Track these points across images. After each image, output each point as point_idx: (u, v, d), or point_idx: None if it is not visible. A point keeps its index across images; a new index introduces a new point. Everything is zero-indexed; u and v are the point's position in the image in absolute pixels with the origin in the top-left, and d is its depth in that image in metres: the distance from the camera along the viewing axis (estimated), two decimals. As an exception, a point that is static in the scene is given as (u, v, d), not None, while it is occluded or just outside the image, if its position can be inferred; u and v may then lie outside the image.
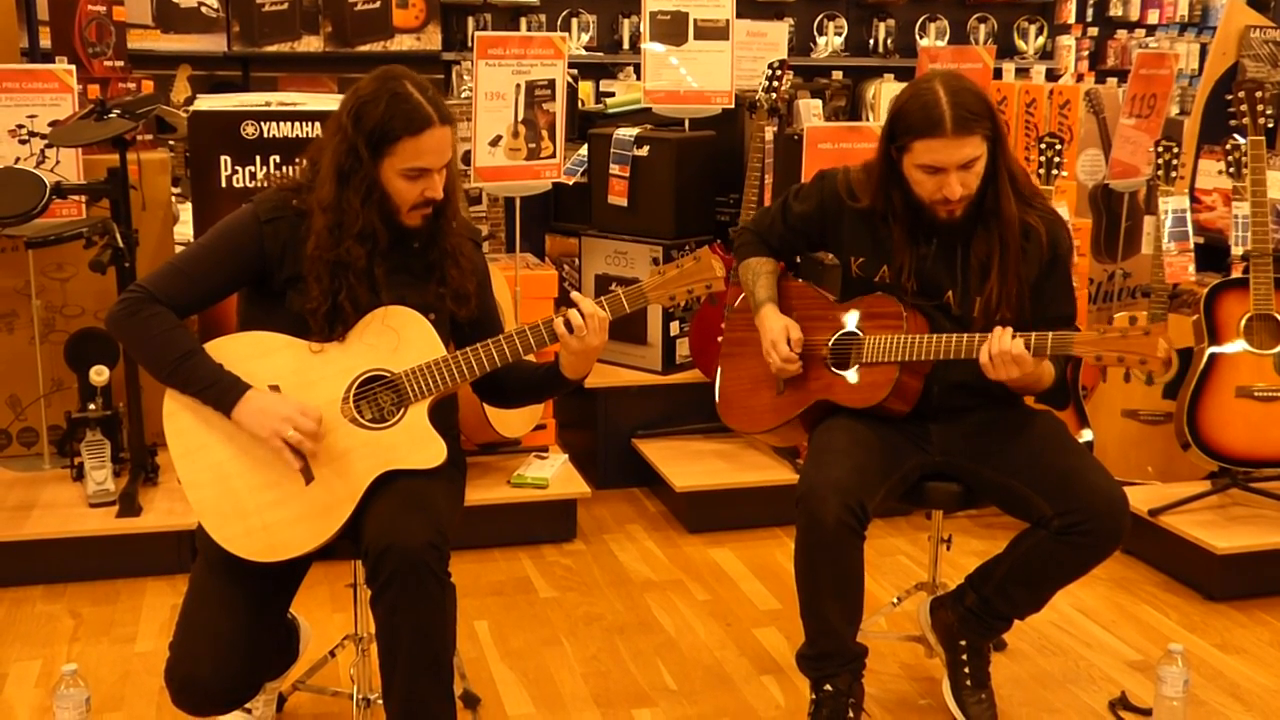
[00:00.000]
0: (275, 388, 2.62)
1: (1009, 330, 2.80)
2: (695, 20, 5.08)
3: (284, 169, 4.20)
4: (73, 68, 4.36)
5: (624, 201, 4.95)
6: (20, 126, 4.21)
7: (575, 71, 6.17)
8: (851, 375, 3.05)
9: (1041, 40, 8.65)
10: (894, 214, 2.99)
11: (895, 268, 3.01)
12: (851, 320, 3.09)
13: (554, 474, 4.39)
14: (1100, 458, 4.26)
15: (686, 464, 4.61)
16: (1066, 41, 8.81)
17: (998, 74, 5.72)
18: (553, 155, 4.53)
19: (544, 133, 4.48)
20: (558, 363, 2.78)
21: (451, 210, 2.77)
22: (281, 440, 2.57)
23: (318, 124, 4.20)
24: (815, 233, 3.19)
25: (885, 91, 7.10)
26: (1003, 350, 2.78)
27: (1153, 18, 9.16)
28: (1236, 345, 4.07)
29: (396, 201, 2.66)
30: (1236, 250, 4.25)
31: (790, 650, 3.20)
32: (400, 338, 2.67)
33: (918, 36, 8.43)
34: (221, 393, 2.60)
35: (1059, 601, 3.58)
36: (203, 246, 2.74)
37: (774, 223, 3.25)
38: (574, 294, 2.74)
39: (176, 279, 2.67)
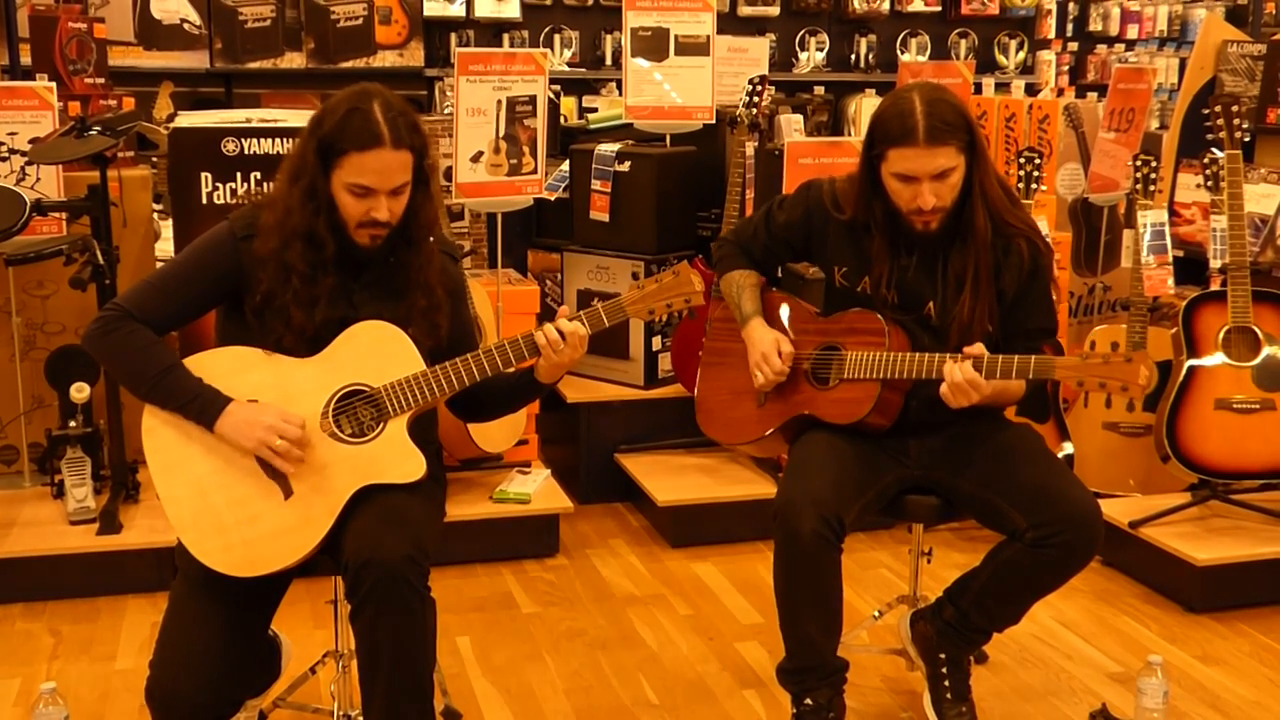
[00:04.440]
0: (254, 403, 2.62)
1: (959, 360, 2.82)
2: (676, 36, 5.10)
3: (264, 186, 4.20)
4: (53, 85, 4.36)
5: (605, 217, 4.96)
6: (0, 144, 4.21)
7: (558, 87, 6.19)
8: (833, 390, 3.06)
9: (1022, 55, 8.69)
10: (875, 224, 3.00)
11: (875, 277, 3.03)
12: (833, 334, 3.10)
13: (536, 489, 4.39)
14: (1081, 470, 4.32)
15: (669, 478, 4.61)
16: (1047, 56, 8.84)
17: (978, 89, 5.75)
18: (534, 171, 4.54)
19: (525, 148, 4.49)
20: (532, 370, 2.79)
21: (423, 233, 2.75)
22: (270, 451, 2.57)
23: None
24: (799, 242, 3.19)
25: (866, 106, 7.14)
26: (955, 383, 2.81)
27: (1132, 33, 9.21)
28: (1215, 358, 4.09)
29: (343, 215, 2.65)
30: (1215, 263, 4.28)
31: (772, 664, 3.20)
32: (379, 352, 2.67)
33: (899, 52, 8.46)
34: (203, 407, 2.60)
35: (1039, 613, 3.60)
36: (179, 264, 2.75)
37: (756, 232, 3.26)
38: (560, 310, 2.74)
39: (153, 296, 2.67)
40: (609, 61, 7.90)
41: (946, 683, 3.13)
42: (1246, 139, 4.23)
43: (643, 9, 5.05)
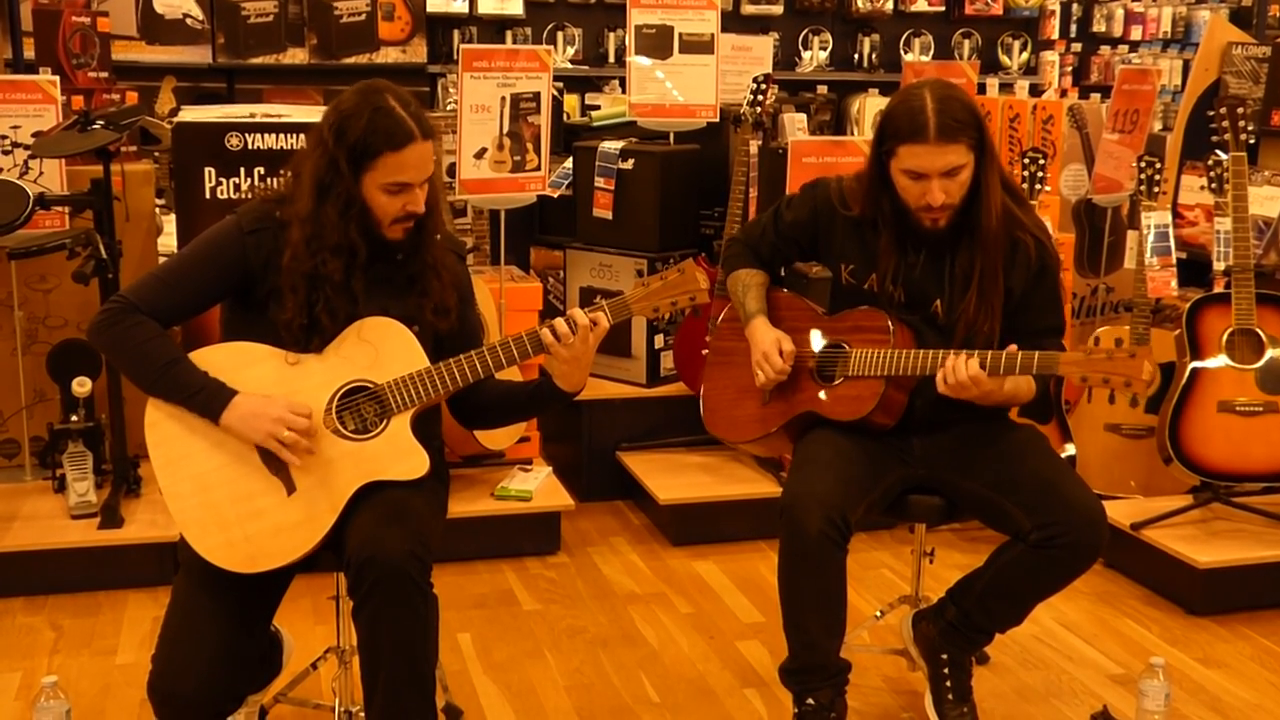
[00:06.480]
0: (260, 395, 2.62)
1: (963, 355, 2.82)
2: (680, 34, 5.09)
3: (268, 180, 4.19)
4: (56, 79, 4.36)
5: (609, 214, 4.95)
6: (4, 137, 4.20)
7: (561, 84, 6.18)
8: (837, 388, 3.05)
9: (1025, 56, 8.69)
10: (884, 221, 3.00)
11: (882, 274, 3.02)
12: (838, 333, 3.09)
13: (538, 486, 4.39)
14: (1083, 472, 4.30)
15: (670, 477, 4.61)
16: (1050, 57, 8.83)
17: (982, 89, 5.74)
18: (538, 168, 4.53)
19: (529, 145, 4.49)
20: (548, 375, 2.78)
21: (434, 223, 2.76)
22: (277, 443, 2.57)
23: (302, 136, 4.20)
24: (806, 240, 3.19)
25: (870, 106, 7.12)
26: (958, 381, 2.81)
27: (1136, 34, 9.19)
28: (1218, 360, 4.08)
29: (378, 215, 2.65)
30: (1218, 265, 4.27)
31: (773, 664, 3.20)
32: (383, 348, 2.66)
33: (902, 51, 8.45)
34: (208, 399, 2.60)
35: (1041, 615, 3.59)
36: (186, 257, 2.74)
37: (765, 232, 3.26)
38: (572, 310, 2.72)
39: (159, 289, 2.67)
40: (612, 59, 7.90)
41: (948, 683, 3.13)
42: (1251, 141, 4.23)
43: (647, 7, 5.04)
